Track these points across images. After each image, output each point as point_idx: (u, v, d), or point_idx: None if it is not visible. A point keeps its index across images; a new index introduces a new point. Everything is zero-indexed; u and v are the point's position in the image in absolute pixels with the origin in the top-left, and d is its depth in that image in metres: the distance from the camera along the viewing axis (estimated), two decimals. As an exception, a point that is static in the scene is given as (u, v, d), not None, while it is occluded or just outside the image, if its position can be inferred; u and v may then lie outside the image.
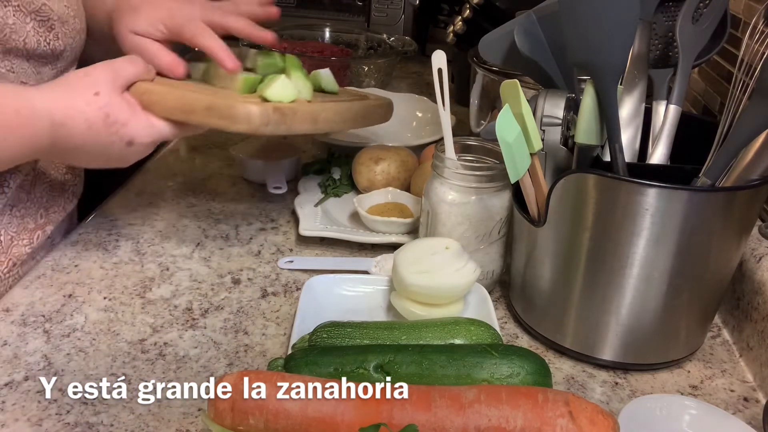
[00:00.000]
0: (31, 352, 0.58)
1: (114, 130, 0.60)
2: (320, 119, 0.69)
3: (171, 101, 0.63)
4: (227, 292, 0.68)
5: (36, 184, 0.71)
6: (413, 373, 0.50)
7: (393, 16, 1.52)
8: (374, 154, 0.84)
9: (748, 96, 0.55)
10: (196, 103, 0.63)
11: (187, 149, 1.04)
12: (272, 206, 0.86)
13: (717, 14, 0.61)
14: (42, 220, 0.72)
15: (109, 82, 0.61)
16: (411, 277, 0.60)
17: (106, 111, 0.60)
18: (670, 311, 0.57)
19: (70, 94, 0.60)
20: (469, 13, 1.07)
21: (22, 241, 0.69)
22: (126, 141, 0.61)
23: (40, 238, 0.71)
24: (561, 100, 0.60)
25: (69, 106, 0.59)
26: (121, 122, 0.60)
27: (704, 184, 0.55)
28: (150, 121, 0.62)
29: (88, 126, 0.59)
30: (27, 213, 0.70)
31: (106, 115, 0.60)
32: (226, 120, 0.62)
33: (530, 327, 0.64)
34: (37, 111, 0.58)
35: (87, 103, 0.59)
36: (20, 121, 0.57)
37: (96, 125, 0.59)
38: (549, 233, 0.58)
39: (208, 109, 0.62)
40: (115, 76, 0.62)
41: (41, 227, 0.72)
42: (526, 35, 0.61)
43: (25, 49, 0.65)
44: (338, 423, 0.43)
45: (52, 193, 0.74)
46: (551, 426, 0.43)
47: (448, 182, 0.66)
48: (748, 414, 0.56)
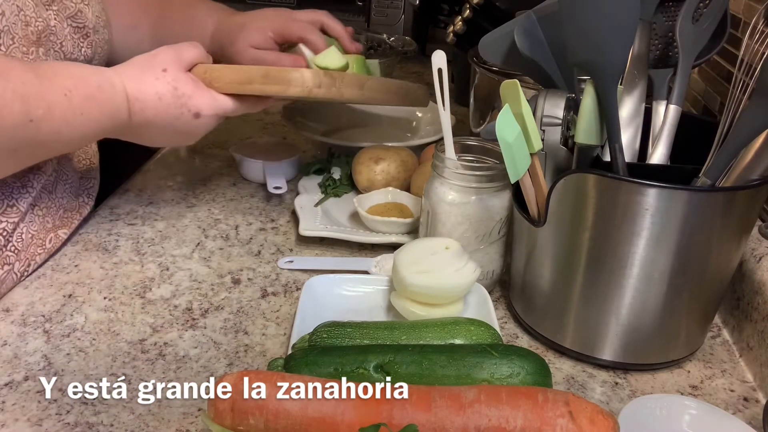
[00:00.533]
0: (31, 352, 0.58)
1: (182, 102, 0.65)
2: (366, 86, 0.75)
3: (230, 74, 0.68)
4: (227, 292, 0.68)
5: (57, 184, 0.73)
6: (413, 373, 0.50)
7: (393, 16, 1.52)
8: (374, 154, 0.84)
9: (748, 96, 0.55)
10: (254, 73, 0.68)
11: (187, 149, 1.04)
12: (272, 206, 0.86)
13: (717, 14, 0.61)
14: (59, 222, 0.73)
15: (175, 60, 0.66)
16: (411, 277, 0.60)
17: (174, 85, 0.65)
18: (670, 311, 0.57)
19: (141, 72, 0.65)
20: (469, 13, 1.06)
21: (39, 241, 0.69)
22: (193, 113, 0.66)
23: (53, 242, 0.71)
24: (561, 100, 0.60)
25: (141, 80, 0.64)
26: (188, 95, 0.65)
27: (704, 184, 0.55)
28: (213, 95, 0.67)
29: (158, 98, 0.64)
30: (48, 213, 0.71)
31: (174, 88, 0.65)
32: (282, 84, 0.67)
33: (530, 327, 0.64)
34: (115, 86, 0.63)
35: (156, 77, 0.65)
36: (103, 94, 0.62)
37: (166, 98, 0.65)
38: (549, 233, 0.58)
39: (265, 76, 0.67)
40: (180, 56, 0.67)
41: (57, 229, 0.72)
42: (526, 35, 0.61)
43: (62, 52, 0.69)
44: (338, 423, 0.43)
45: (71, 194, 0.75)
46: (551, 426, 0.43)
47: (448, 182, 0.66)
48: (748, 414, 0.56)
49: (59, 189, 0.73)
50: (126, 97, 0.63)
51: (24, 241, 0.67)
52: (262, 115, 1.18)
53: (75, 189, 0.76)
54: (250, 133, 1.10)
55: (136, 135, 0.68)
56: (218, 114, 0.68)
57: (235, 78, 0.68)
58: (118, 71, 0.65)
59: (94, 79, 0.62)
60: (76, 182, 0.77)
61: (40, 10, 0.65)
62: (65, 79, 0.60)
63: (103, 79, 0.62)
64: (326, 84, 0.69)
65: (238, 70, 0.69)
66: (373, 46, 1.35)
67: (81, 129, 0.61)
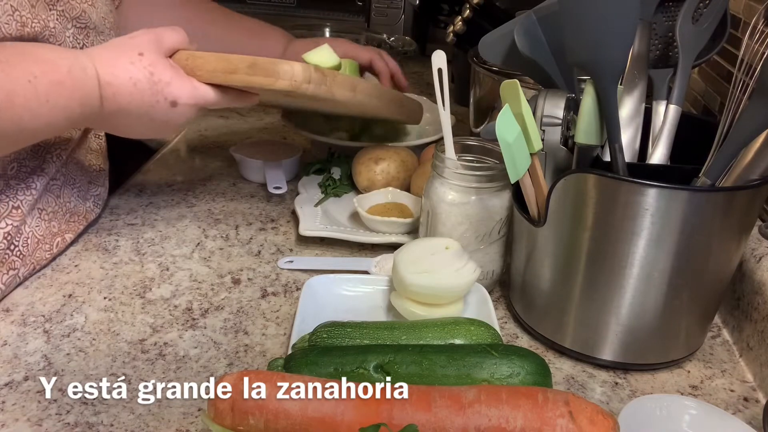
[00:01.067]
0: (31, 352, 0.58)
1: (158, 89, 0.61)
2: (358, 89, 0.72)
3: (214, 63, 0.63)
4: (227, 292, 0.68)
5: (64, 187, 0.72)
6: (413, 373, 0.50)
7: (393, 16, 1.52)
8: (374, 154, 0.84)
9: (748, 96, 0.55)
10: (239, 62, 0.63)
11: (187, 149, 1.04)
12: (272, 206, 0.86)
13: (717, 14, 0.61)
14: (65, 226, 0.72)
15: (153, 44, 0.62)
16: (411, 277, 0.60)
17: (150, 70, 0.61)
18: (670, 311, 0.57)
19: (115, 55, 0.61)
20: (469, 13, 1.07)
21: (45, 245, 0.69)
22: (170, 101, 0.62)
23: (59, 245, 0.71)
24: (561, 100, 0.60)
25: (115, 64, 0.60)
26: (165, 81, 0.61)
27: (704, 184, 0.55)
28: (193, 83, 0.63)
29: (133, 83, 0.60)
30: (54, 217, 0.70)
31: (150, 73, 0.61)
32: (269, 77, 0.63)
33: (530, 327, 0.64)
34: (86, 70, 0.59)
35: (131, 62, 0.61)
36: (73, 80, 0.58)
37: (141, 83, 0.60)
38: (549, 233, 0.58)
39: (252, 66, 0.63)
40: (159, 40, 0.63)
41: (63, 233, 0.72)
42: (526, 35, 0.61)
43: None
44: (338, 423, 0.43)
45: (79, 198, 0.74)
46: (551, 426, 0.43)
47: (448, 182, 0.66)
48: (748, 414, 0.56)
49: (66, 192, 0.72)
50: (98, 82, 0.59)
51: (30, 246, 0.67)
52: (262, 115, 1.18)
53: (83, 193, 0.75)
54: (250, 133, 1.10)
55: (109, 124, 0.65)
56: (198, 104, 0.64)
57: (218, 67, 0.63)
58: (92, 54, 0.61)
59: (64, 63, 0.58)
60: (84, 186, 0.76)
61: (39, 11, 0.63)
62: (32, 63, 0.56)
63: (74, 63, 0.58)
64: (316, 80, 0.65)
65: (223, 58, 0.64)
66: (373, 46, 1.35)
67: (47, 118, 0.57)
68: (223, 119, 1.15)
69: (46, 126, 0.59)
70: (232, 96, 0.67)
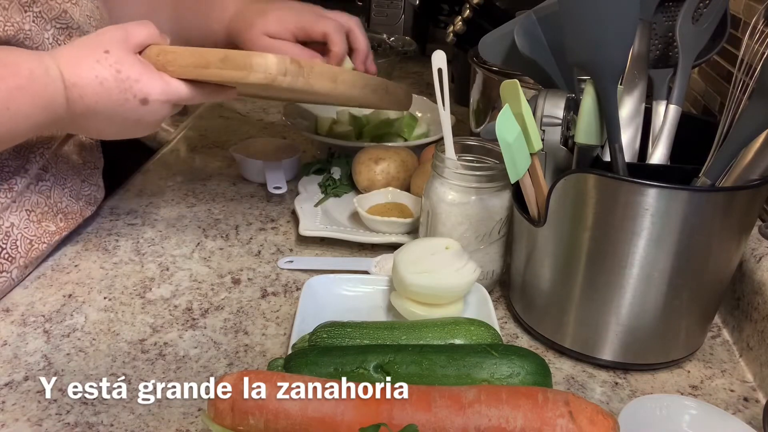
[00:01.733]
0: (31, 352, 0.58)
1: (126, 86, 0.59)
2: (340, 80, 0.68)
3: (185, 57, 0.61)
4: (227, 292, 0.68)
5: (55, 188, 0.71)
6: (413, 373, 0.50)
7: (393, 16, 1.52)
8: (374, 154, 0.84)
9: (748, 96, 0.55)
10: (211, 56, 0.61)
11: (187, 149, 1.04)
12: (272, 206, 0.86)
13: (717, 14, 0.61)
14: (62, 224, 0.72)
15: (120, 41, 0.60)
16: (411, 277, 0.60)
17: (117, 67, 0.58)
18: (670, 311, 0.57)
19: (80, 54, 0.59)
20: (469, 13, 1.07)
21: (42, 246, 0.69)
22: (140, 98, 0.59)
23: (55, 244, 0.71)
24: (561, 100, 0.60)
25: (80, 64, 0.58)
26: (133, 78, 0.59)
27: (704, 184, 0.55)
28: (164, 79, 0.61)
29: (99, 82, 0.58)
30: (44, 218, 0.69)
31: (117, 71, 0.58)
32: (242, 70, 0.60)
33: (530, 327, 0.64)
34: (50, 72, 0.57)
35: (97, 60, 0.58)
36: (35, 84, 0.56)
37: (108, 82, 0.58)
38: (549, 233, 0.58)
39: (224, 60, 0.60)
40: (126, 36, 0.60)
41: (60, 232, 0.71)
42: (526, 35, 0.61)
43: None
44: (338, 423, 0.43)
45: (71, 199, 0.73)
46: (551, 426, 0.43)
47: (448, 182, 0.66)
48: (748, 414, 0.56)
49: (56, 193, 0.71)
50: (63, 84, 0.57)
51: (21, 248, 0.66)
52: (262, 115, 1.18)
53: (75, 193, 0.74)
54: (250, 133, 1.10)
55: (79, 126, 0.63)
56: (170, 100, 0.61)
57: (190, 61, 0.61)
58: (56, 55, 0.58)
59: (25, 66, 0.56)
60: (77, 185, 0.75)
61: (12, 14, 0.60)
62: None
63: (37, 66, 0.56)
64: (293, 72, 0.62)
65: (194, 52, 0.61)
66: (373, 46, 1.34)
67: (8, 125, 0.55)
68: (223, 119, 1.15)
69: (7, 134, 0.57)
70: (208, 91, 0.64)
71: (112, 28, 0.61)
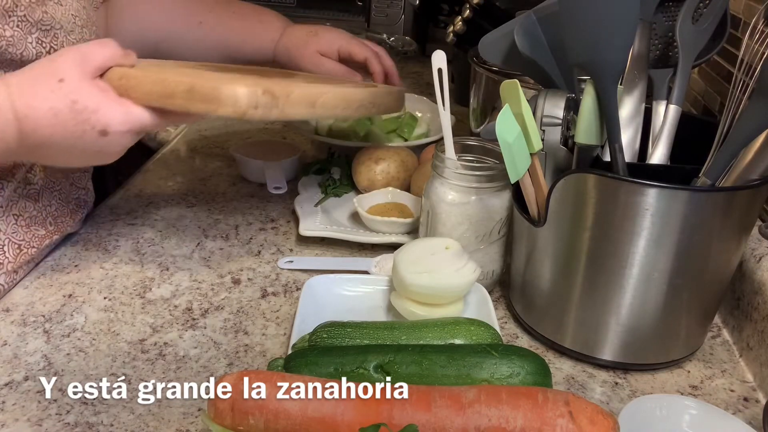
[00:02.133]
0: (31, 352, 0.58)
1: (83, 117, 0.54)
2: (318, 103, 0.63)
3: (148, 85, 0.56)
4: (227, 292, 0.68)
5: (43, 193, 0.70)
6: (413, 373, 0.50)
7: (393, 16, 1.52)
8: (374, 154, 0.84)
9: (748, 96, 0.55)
10: (176, 87, 0.56)
11: (187, 149, 1.04)
12: (272, 206, 0.86)
13: (717, 14, 0.61)
14: (52, 228, 0.71)
15: (77, 67, 0.55)
16: (411, 277, 0.60)
17: (73, 98, 0.54)
18: (670, 311, 0.57)
19: (34, 82, 0.55)
20: (469, 13, 1.07)
21: (32, 250, 0.68)
22: (99, 129, 0.55)
23: (47, 243, 0.71)
24: (561, 100, 0.60)
25: (33, 93, 0.54)
26: (91, 109, 0.55)
27: (704, 184, 0.55)
28: (125, 107, 0.56)
29: (53, 114, 0.54)
30: (33, 222, 0.68)
31: (72, 102, 0.54)
32: (209, 103, 0.56)
33: (530, 327, 0.64)
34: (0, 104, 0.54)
35: (51, 90, 0.54)
36: None
37: (62, 113, 0.54)
38: (549, 233, 0.58)
39: (189, 91, 0.56)
40: (84, 60, 0.56)
41: (50, 236, 0.71)
42: (526, 35, 0.61)
43: (22, 61, 0.62)
44: (338, 423, 0.43)
45: (61, 203, 0.73)
46: (551, 426, 0.43)
47: (448, 182, 0.66)
48: (748, 414, 0.56)
49: (45, 196, 0.70)
50: (14, 116, 0.53)
51: (9, 253, 0.66)
52: (262, 115, 1.17)
53: (65, 195, 0.74)
54: (250, 133, 1.10)
55: (38, 156, 0.60)
56: (132, 130, 0.56)
57: (153, 89, 0.56)
58: (9, 83, 0.54)
59: None
60: (66, 189, 0.74)
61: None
62: None
63: None
64: (265, 104, 0.57)
65: (158, 81, 0.56)
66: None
67: None
68: (223, 119, 1.15)
69: None
70: (174, 117, 0.60)
71: (66, 50, 0.57)
